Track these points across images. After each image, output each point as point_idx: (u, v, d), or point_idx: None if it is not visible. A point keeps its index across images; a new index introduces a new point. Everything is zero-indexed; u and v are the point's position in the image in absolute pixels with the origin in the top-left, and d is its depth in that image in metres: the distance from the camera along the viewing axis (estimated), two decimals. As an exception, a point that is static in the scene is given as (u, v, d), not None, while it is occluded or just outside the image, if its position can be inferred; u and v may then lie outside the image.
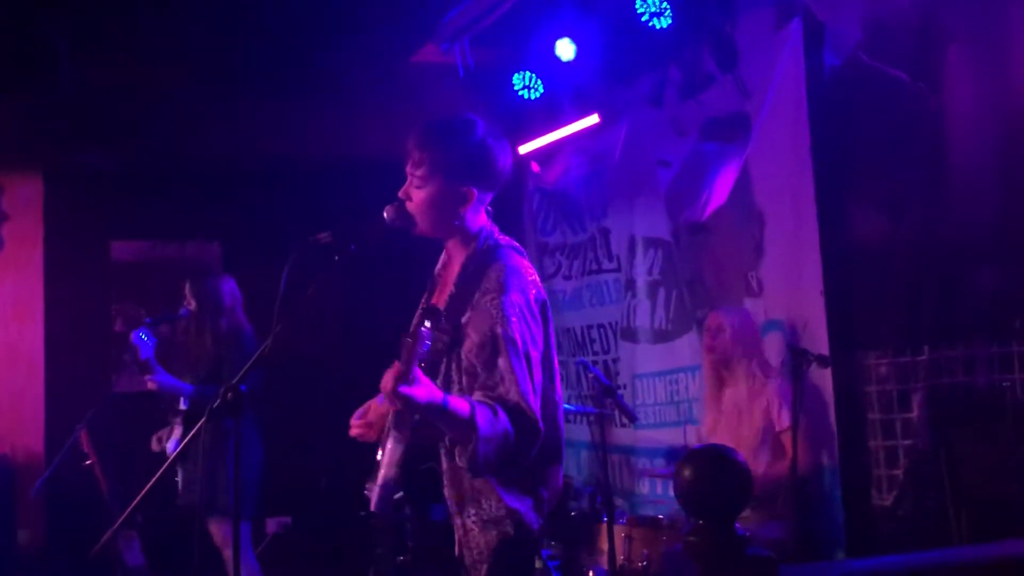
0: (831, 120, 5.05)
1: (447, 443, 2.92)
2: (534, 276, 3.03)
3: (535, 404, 2.84)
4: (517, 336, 2.86)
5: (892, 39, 4.81)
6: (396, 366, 2.72)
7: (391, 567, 5.77)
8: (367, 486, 3.06)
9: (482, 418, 2.75)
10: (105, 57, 6.39)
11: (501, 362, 2.83)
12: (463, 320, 2.94)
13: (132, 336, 5.80)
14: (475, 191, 3.02)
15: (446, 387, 2.93)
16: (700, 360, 5.62)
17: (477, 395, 2.84)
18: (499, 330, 2.85)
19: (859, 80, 4.93)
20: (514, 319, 2.87)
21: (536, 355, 2.91)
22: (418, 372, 2.70)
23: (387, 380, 2.73)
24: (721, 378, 5.20)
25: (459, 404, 2.77)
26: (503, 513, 2.88)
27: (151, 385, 5.78)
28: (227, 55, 6.40)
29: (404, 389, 2.66)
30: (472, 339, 2.90)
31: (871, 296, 4.95)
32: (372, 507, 2.98)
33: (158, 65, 6.59)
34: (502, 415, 2.78)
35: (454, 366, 2.95)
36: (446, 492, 2.96)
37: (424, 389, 2.70)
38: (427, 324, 2.80)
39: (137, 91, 6.79)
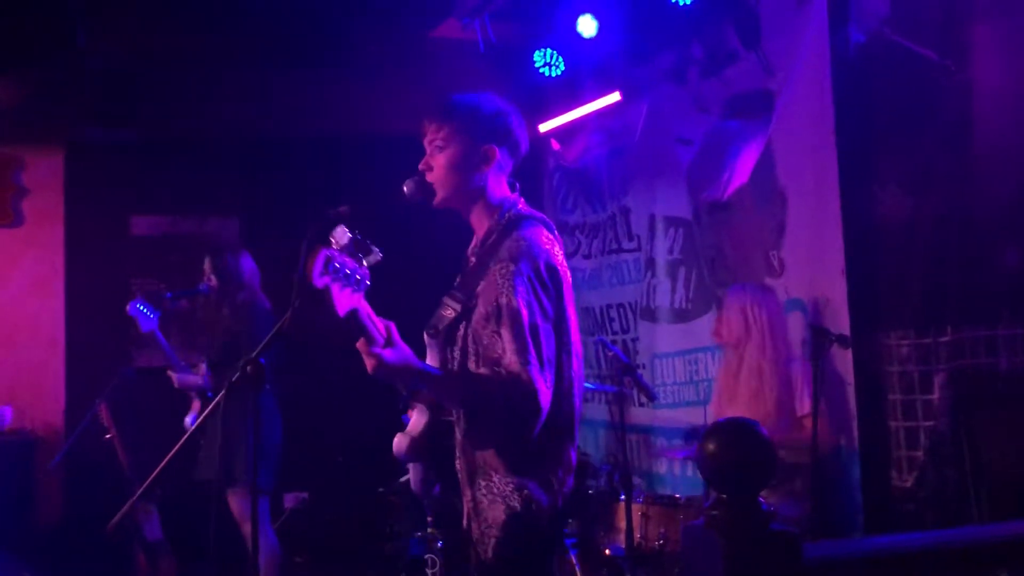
0: (855, 97, 5.00)
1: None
2: (551, 246, 2.99)
3: (537, 376, 2.78)
4: (522, 306, 2.83)
5: (918, 15, 4.76)
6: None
7: (409, 542, 5.77)
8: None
9: (470, 388, 2.77)
10: (125, 31, 6.38)
11: (504, 332, 2.81)
12: (478, 290, 2.93)
13: (129, 308, 5.82)
14: (496, 150, 3.05)
15: (463, 357, 2.93)
16: (719, 340, 5.58)
17: (482, 369, 2.83)
18: (503, 300, 2.84)
19: (884, 57, 4.88)
20: (521, 288, 2.84)
21: (545, 326, 2.87)
22: (396, 336, 2.75)
23: (361, 341, 2.76)
24: (739, 357, 5.15)
25: (445, 374, 2.81)
26: (510, 489, 2.87)
27: (175, 383, 5.84)
28: (247, 30, 6.38)
29: (376, 349, 2.70)
30: (479, 309, 2.90)
31: (893, 276, 4.91)
32: (413, 486, 3.03)
33: (178, 40, 6.58)
34: (496, 386, 2.76)
35: (469, 336, 2.94)
36: (457, 464, 2.97)
37: (396, 353, 2.73)
38: (332, 241, 2.78)
39: (157, 66, 6.79)
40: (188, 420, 5.82)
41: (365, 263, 2.75)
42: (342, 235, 2.78)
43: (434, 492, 3.09)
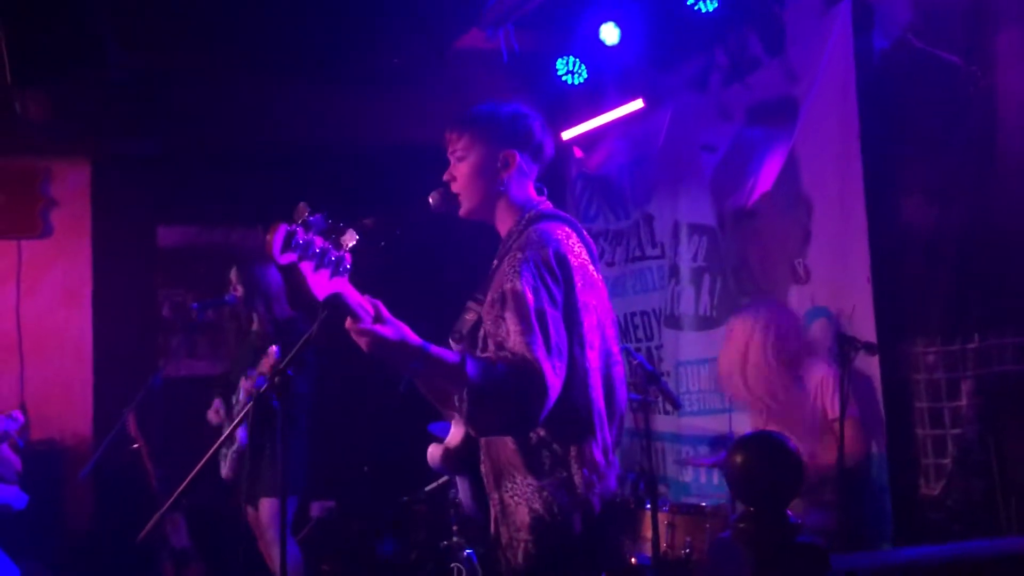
0: (880, 104, 4.98)
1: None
2: (565, 238, 3.00)
3: (543, 358, 2.70)
4: (528, 291, 2.78)
5: (942, 21, 4.73)
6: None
7: (434, 551, 5.79)
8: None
9: (473, 367, 2.66)
10: (151, 44, 6.43)
11: (508, 315, 2.77)
12: (492, 286, 2.93)
13: None
14: (516, 154, 3.05)
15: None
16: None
17: (487, 353, 2.79)
18: (507, 285, 2.81)
19: (909, 63, 4.86)
20: (527, 274, 2.81)
21: (554, 313, 2.81)
22: (386, 313, 2.64)
23: (348, 321, 2.65)
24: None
25: (444, 352, 2.70)
26: (531, 490, 2.83)
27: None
28: (272, 42, 6.42)
29: (366, 325, 2.60)
30: (487, 298, 2.89)
31: (919, 283, 4.88)
32: (465, 506, 3.02)
33: (204, 52, 6.62)
34: (501, 367, 2.68)
35: (482, 333, 2.93)
36: (482, 468, 2.95)
37: (390, 328, 2.62)
38: (295, 218, 2.63)
39: (183, 78, 6.83)
40: (240, 434, 5.77)
41: (343, 246, 2.64)
42: (302, 212, 2.64)
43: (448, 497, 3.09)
